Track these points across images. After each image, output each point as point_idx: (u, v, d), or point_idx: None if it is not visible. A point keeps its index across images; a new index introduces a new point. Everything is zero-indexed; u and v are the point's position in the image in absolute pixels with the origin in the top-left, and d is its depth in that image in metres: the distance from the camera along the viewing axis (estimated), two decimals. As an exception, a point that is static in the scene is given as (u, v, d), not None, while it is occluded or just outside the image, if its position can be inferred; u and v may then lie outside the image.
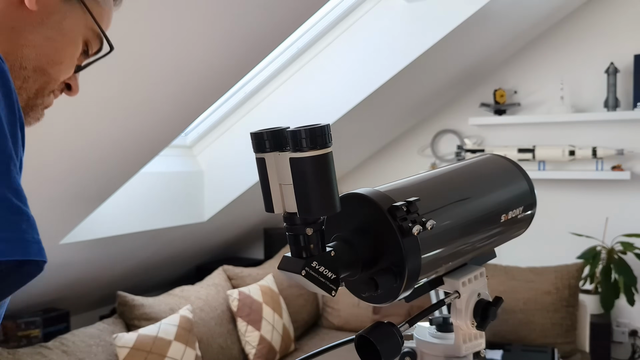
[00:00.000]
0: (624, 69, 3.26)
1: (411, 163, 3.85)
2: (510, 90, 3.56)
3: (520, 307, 2.96)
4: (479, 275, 0.74)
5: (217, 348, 2.65)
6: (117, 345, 2.24)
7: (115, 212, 2.53)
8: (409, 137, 3.88)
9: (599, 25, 3.33)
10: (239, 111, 3.06)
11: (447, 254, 0.70)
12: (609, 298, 3.11)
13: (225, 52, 1.82)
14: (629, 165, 3.31)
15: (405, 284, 0.64)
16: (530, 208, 0.81)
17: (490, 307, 0.71)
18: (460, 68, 3.32)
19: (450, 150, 3.74)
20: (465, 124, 3.65)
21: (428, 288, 0.73)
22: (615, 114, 3.20)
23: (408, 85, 3.06)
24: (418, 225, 0.62)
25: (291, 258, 0.61)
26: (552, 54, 3.46)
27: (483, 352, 0.75)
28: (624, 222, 3.28)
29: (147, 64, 1.71)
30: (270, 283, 3.05)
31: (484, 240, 0.76)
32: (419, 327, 0.77)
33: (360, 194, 0.66)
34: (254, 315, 2.82)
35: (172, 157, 2.94)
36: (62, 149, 1.84)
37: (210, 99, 2.05)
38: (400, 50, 2.75)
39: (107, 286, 2.92)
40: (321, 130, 0.59)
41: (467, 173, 0.80)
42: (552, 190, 3.46)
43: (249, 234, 3.81)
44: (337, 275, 0.62)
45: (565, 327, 2.93)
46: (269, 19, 1.75)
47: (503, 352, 2.75)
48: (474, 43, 3.06)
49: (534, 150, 3.36)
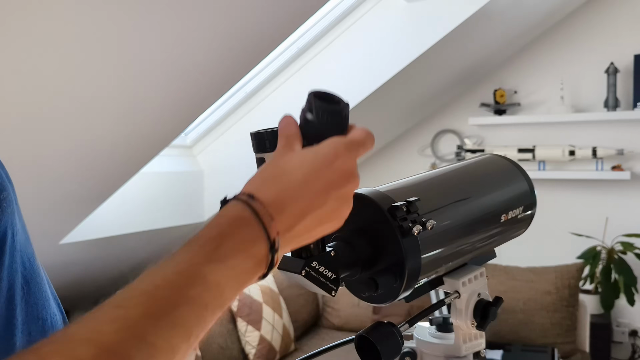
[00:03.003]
0: (624, 69, 3.26)
1: (411, 163, 3.85)
2: (510, 90, 3.56)
3: (520, 307, 2.96)
4: (479, 275, 0.74)
5: (217, 348, 2.65)
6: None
7: (115, 212, 2.53)
8: (409, 137, 3.88)
9: (599, 25, 3.33)
10: (239, 111, 3.06)
11: (447, 254, 0.70)
12: (609, 298, 3.11)
13: (225, 52, 1.82)
14: (629, 165, 3.31)
15: (405, 284, 0.64)
16: (530, 208, 0.81)
17: (490, 307, 0.71)
18: (460, 68, 3.32)
19: (450, 150, 3.74)
20: (465, 124, 3.65)
21: (428, 288, 0.73)
22: (615, 114, 3.20)
23: (408, 85, 3.06)
24: (418, 225, 0.62)
25: (291, 258, 0.61)
26: (552, 54, 3.46)
27: (483, 352, 0.75)
28: (624, 222, 3.28)
29: (147, 64, 1.71)
30: (270, 283, 3.05)
31: (484, 240, 0.76)
32: (419, 327, 0.77)
33: (360, 194, 0.66)
34: (254, 315, 2.82)
35: (172, 157, 2.94)
36: (62, 149, 1.84)
37: (210, 99, 2.05)
38: (400, 50, 2.75)
39: (107, 286, 2.92)
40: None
41: (467, 173, 0.80)
42: (552, 190, 3.46)
43: (249, 234, 3.80)
44: (337, 275, 0.62)
45: (565, 327, 2.93)
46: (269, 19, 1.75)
47: (503, 352, 2.75)
48: (474, 43, 3.06)
49: (534, 150, 3.36)
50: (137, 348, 0.39)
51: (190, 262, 0.45)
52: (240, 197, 0.50)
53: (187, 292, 0.43)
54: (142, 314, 0.41)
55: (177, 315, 0.42)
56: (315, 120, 0.55)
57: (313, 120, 0.55)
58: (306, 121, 0.56)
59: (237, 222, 0.48)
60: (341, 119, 0.57)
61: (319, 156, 0.53)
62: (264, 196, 0.50)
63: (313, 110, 0.55)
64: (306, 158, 0.53)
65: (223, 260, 0.46)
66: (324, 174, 0.52)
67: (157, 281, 0.44)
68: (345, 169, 0.53)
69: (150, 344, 0.40)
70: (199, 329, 0.44)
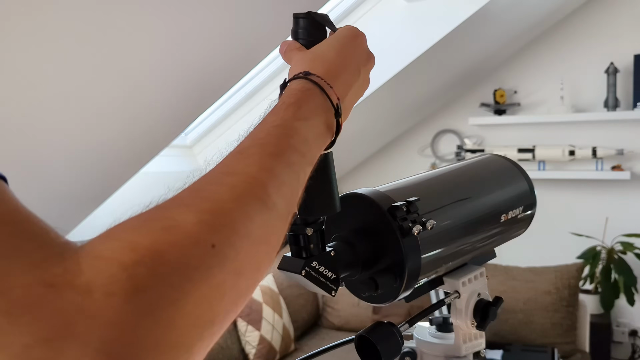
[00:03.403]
0: (624, 69, 3.26)
1: (411, 163, 3.85)
2: (510, 90, 3.56)
3: (520, 307, 2.96)
4: (479, 275, 0.74)
5: (217, 348, 2.65)
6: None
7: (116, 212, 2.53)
8: (409, 137, 3.88)
9: (599, 25, 3.33)
10: (239, 111, 3.05)
11: (447, 254, 0.70)
12: (609, 298, 3.11)
13: (225, 52, 1.82)
14: (629, 165, 3.31)
15: (405, 284, 0.64)
16: (530, 208, 0.81)
17: (490, 307, 0.71)
18: (460, 68, 3.32)
19: (450, 150, 3.74)
20: (465, 124, 3.65)
21: (428, 288, 0.73)
22: (615, 114, 3.20)
23: (408, 85, 3.06)
24: (418, 225, 0.62)
25: (291, 258, 0.61)
26: (552, 54, 3.46)
27: (483, 352, 0.75)
28: (624, 222, 3.28)
29: (147, 64, 1.71)
30: (270, 283, 3.05)
31: (484, 240, 0.76)
32: (419, 327, 0.77)
33: (361, 194, 0.66)
34: (254, 315, 2.82)
35: (172, 157, 2.93)
36: (62, 149, 1.84)
37: (210, 99, 2.05)
38: (400, 50, 2.75)
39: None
40: (321, 130, 0.59)
41: (467, 173, 0.80)
42: (552, 190, 3.46)
43: (249, 234, 3.80)
44: (337, 275, 0.62)
45: (565, 327, 2.93)
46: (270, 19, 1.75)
47: (503, 352, 2.75)
48: (474, 43, 3.06)
49: (534, 150, 3.36)
50: (268, 177, 0.44)
51: (283, 119, 0.50)
52: (298, 75, 0.56)
53: (289, 140, 0.48)
54: (262, 154, 0.46)
55: (288, 156, 0.47)
56: (307, 31, 0.61)
57: (304, 33, 0.61)
58: (303, 34, 0.61)
59: (307, 92, 0.54)
60: (329, 22, 0.62)
61: (343, 38, 0.60)
62: (317, 72, 0.56)
63: (300, 23, 0.61)
64: (334, 41, 0.60)
65: (307, 119, 0.51)
66: (352, 51, 0.59)
67: (262, 133, 0.49)
68: (364, 47, 0.61)
69: (276, 175, 0.44)
70: (302, 176, 0.49)
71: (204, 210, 0.39)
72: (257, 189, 0.42)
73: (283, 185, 0.45)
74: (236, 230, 0.39)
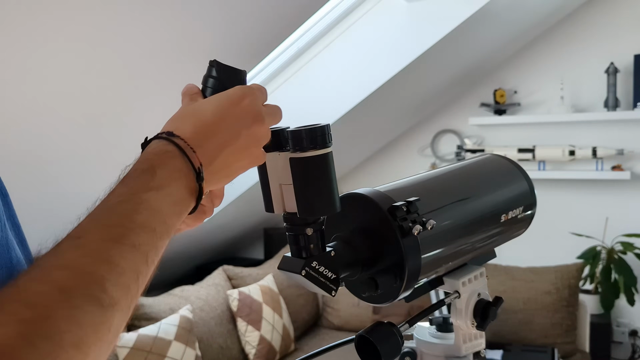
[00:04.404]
0: (624, 69, 3.26)
1: (411, 163, 3.85)
2: (510, 90, 3.56)
3: (520, 307, 2.96)
4: (479, 275, 0.74)
5: (217, 348, 2.65)
6: (117, 345, 2.24)
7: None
8: (409, 137, 3.88)
9: (599, 25, 3.33)
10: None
11: (447, 254, 0.70)
12: (609, 298, 3.11)
13: (225, 51, 1.82)
14: (629, 165, 3.31)
15: (405, 284, 0.64)
16: (530, 208, 0.81)
17: (490, 307, 0.71)
18: (460, 68, 3.32)
19: (450, 150, 3.74)
20: (465, 124, 3.65)
21: (428, 288, 0.73)
22: (615, 114, 3.20)
23: (408, 85, 3.06)
24: (418, 225, 0.62)
25: (291, 258, 0.61)
26: (552, 54, 3.46)
27: (483, 352, 0.75)
28: (624, 222, 3.28)
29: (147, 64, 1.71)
30: (270, 283, 3.05)
31: (484, 240, 0.76)
32: (419, 327, 0.77)
33: (361, 194, 0.66)
34: (254, 315, 2.82)
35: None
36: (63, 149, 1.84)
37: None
38: (400, 50, 2.75)
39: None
40: (321, 130, 0.59)
41: (467, 173, 0.80)
42: (552, 190, 3.46)
43: (249, 234, 3.81)
44: (337, 275, 0.62)
45: (565, 327, 2.93)
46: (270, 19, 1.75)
47: (503, 352, 2.75)
48: (474, 43, 3.06)
49: (534, 150, 3.36)
50: (105, 269, 0.41)
51: (131, 192, 0.47)
52: (160, 135, 0.53)
53: (136, 217, 0.45)
54: (102, 239, 0.43)
55: (133, 238, 0.44)
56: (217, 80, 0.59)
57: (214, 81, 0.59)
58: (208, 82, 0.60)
59: (164, 155, 0.51)
60: (240, 78, 0.61)
61: (225, 97, 0.57)
62: (182, 132, 0.53)
63: (214, 72, 0.59)
64: (215, 100, 0.57)
65: (160, 188, 0.48)
66: (232, 111, 0.56)
67: (105, 212, 0.46)
68: (251, 109, 0.57)
69: (116, 264, 0.41)
70: (153, 254, 0.46)
71: (24, 320, 0.35)
72: (91, 286, 0.39)
73: (123, 274, 0.42)
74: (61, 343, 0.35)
